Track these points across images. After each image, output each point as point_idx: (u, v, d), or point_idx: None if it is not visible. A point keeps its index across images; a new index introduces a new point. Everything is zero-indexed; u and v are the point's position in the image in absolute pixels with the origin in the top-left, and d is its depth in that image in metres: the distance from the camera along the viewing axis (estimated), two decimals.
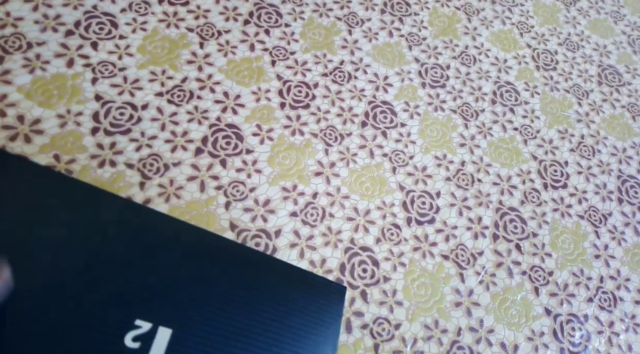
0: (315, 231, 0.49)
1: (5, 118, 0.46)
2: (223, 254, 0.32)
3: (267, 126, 0.54)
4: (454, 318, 0.49)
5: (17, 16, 0.52)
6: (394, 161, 0.56)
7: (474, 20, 0.72)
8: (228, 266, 0.32)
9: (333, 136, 0.55)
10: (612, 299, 0.55)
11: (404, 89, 0.62)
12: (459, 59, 0.67)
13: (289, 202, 0.50)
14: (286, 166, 0.52)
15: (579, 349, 0.51)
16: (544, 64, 0.72)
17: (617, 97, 0.72)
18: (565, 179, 0.62)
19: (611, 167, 0.65)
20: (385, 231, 0.51)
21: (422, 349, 0.47)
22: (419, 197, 0.55)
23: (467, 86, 0.65)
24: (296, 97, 0.57)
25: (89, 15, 0.54)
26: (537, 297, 0.53)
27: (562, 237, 0.57)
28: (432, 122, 0.60)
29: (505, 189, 0.58)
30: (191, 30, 0.57)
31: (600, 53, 0.76)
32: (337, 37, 0.63)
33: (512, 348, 0.49)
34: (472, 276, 0.52)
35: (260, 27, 0.60)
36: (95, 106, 0.49)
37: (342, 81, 0.60)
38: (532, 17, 0.76)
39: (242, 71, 0.56)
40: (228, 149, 0.51)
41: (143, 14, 0.56)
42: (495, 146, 0.61)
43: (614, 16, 0.82)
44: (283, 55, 0.59)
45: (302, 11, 0.63)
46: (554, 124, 0.66)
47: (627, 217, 0.61)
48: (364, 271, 0.49)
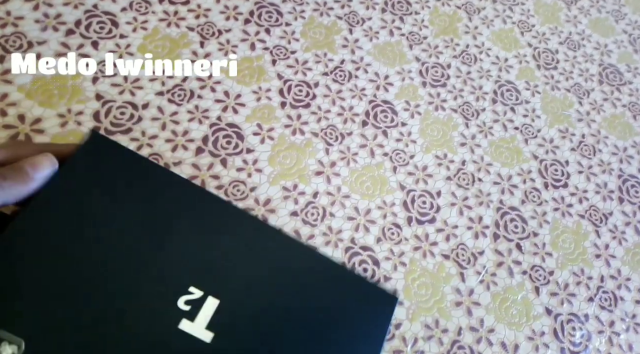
0: (315, 230, 0.49)
1: (6, 117, 0.46)
2: (283, 249, 0.36)
3: (268, 125, 0.54)
4: (455, 318, 0.49)
5: (17, 15, 0.52)
6: (395, 160, 0.56)
7: (475, 19, 0.72)
8: (287, 260, 0.36)
9: (334, 135, 0.55)
10: (613, 298, 0.55)
11: (405, 88, 0.62)
12: (459, 58, 0.67)
13: (289, 202, 0.50)
14: (287, 166, 0.52)
15: (580, 348, 0.51)
16: (544, 63, 0.71)
17: (617, 96, 0.72)
18: (565, 179, 0.62)
19: (612, 167, 0.65)
20: (386, 230, 0.51)
21: (423, 348, 0.47)
22: (419, 196, 0.55)
23: (468, 85, 0.65)
24: (297, 96, 0.56)
25: (89, 14, 0.54)
26: (537, 296, 0.53)
27: (562, 236, 0.57)
28: (432, 122, 0.60)
29: (506, 189, 0.58)
30: (192, 29, 0.57)
31: (601, 52, 0.76)
32: (337, 36, 0.63)
33: (512, 348, 0.49)
34: (473, 275, 0.52)
35: (261, 26, 0.60)
36: (95, 105, 0.49)
37: (343, 80, 0.59)
38: (532, 16, 0.76)
39: (243, 70, 0.56)
40: (229, 148, 0.51)
41: (144, 13, 0.56)
42: (495, 145, 0.61)
43: (615, 15, 0.82)
44: (284, 54, 0.59)
45: (303, 10, 0.63)
46: (555, 123, 0.66)
47: (627, 216, 0.61)
48: (365, 270, 0.49)
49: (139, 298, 0.31)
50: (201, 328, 0.31)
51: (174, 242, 0.34)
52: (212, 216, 0.36)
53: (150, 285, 0.31)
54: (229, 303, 0.32)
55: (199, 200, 0.36)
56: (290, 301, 0.35)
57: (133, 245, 0.32)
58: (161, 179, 0.35)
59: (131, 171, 0.35)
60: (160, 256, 0.33)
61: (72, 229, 0.31)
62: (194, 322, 0.30)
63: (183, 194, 0.36)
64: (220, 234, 0.35)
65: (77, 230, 0.31)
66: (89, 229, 0.31)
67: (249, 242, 0.36)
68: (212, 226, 0.35)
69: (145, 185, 0.35)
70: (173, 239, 0.34)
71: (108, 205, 0.33)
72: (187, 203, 0.35)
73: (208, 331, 0.31)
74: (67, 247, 0.30)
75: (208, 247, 0.34)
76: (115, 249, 0.32)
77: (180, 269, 0.32)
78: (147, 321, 0.30)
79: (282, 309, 0.34)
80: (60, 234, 0.30)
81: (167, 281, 0.32)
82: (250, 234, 0.36)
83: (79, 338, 0.28)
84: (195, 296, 0.32)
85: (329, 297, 0.36)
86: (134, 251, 0.32)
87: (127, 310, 0.30)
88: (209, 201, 0.36)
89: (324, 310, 0.35)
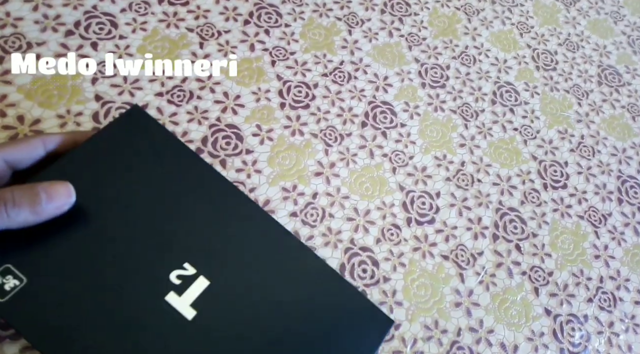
0: (315, 231, 0.49)
1: (5, 118, 0.46)
2: (291, 251, 0.37)
3: (267, 126, 0.54)
4: (454, 318, 0.49)
5: (17, 16, 0.52)
6: (394, 161, 0.56)
7: (474, 20, 0.72)
8: (290, 264, 0.37)
9: (333, 136, 0.55)
10: (612, 299, 0.55)
11: (404, 89, 0.62)
12: (458, 59, 0.67)
13: (288, 203, 0.50)
14: (286, 166, 0.52)
15: (579, 349, 0.51)
16: (543, 64, 0.72)
17: (617, 98, 0.72)
18: (565, 180, 0.62)
19: (611, 168, 0.65)
20: (385, 231, 0.51)
21: (422, 349, 0.47)
22: (418, 197, 0.55)
23: (467, 86, 0.65)
24: (296, 97, 0.57)
25: (88, 15, 0.54)
26: (537, 297, 0.53)
27: (562, 237, 0.57)
28: (432, 123, 0.60)
29: (505, 190, 0.58)
30: (191, 30, 0.57)
31: (600, 53, 0.76)
32: (337, 37, 0.63)
33: (512, 348, 0.49)
34: (472, 276, 0.52)
35: (260, 27, 0.60)
36: (95, 106, 0.49)
37: (342, 81, 0.60)
38: (532, 18, 0.76)
39: (242, 71, 0.56)
40: (228, 149, 0.51)
41: (143, 14, 0.56)
42: (495, 146, 0.61)
43: (613, 16, 0.82)
44: (283, 55, 0.59)
45: (302, 11, 0.63)
46: (554, 124, 0.66)
47: (627, 217, 0.61)
48: (364, 271, 0.49)
49: (135, 259, 0.32)
50: (186, 304, 0.31)
51: (182, 219, 0.34)
52: (226, 204, 0.37)
53: (149, 251, 0.32)
54: (219, 288, 0.33)
55: (219, 187, 0.37)
56: (282, 303, 0.35)
57: (144, 211, 0.34)
58: (187, 160, 0.37)
59: (160, 145, 0.36)
60: (166, 227, 0.34)
61: (94, 186, 0.33)
62: (180, 297, 0.31)
63: (205, 177, 0.37)
64: (230, 222, 0.36)
65: (99, 188, 0.33)
66: (108, 189, 0.33)
67: (256, 236, 0.36)
68: (224, 213, 0.36)
69: (172, 162, 0.36)
70: (182, 215, 0.35)
71: (130, 171, 0.34)
72: (207, 186, 0.37)
73: (192, 309, 0.31)
74: (83, 202, 0.31)
75: (214, 232, 0.35)
76: (127, 210, 0.33)
77: (179, 244, 0.33)
78: (136, 285, 0.31)
79: (271, 308, 0.34)
80: (82, 189, 0.31)
81: (165, 251, 0.33)
82: (259, 229, 0.37)
83: (75, 280, 0.30)
84: (188, 272, 0.32)
85: (324, 307, 0.36)
86: (143, 217, 0.33)
87: (120, 267, 0.31)
88: (228, 190, 0.37)
89: (316, 319, 0.35)
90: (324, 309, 0.36)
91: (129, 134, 0.36)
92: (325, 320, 0.36)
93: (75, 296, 0.29)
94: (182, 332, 0.30)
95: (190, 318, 0.31)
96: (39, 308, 0.28)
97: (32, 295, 0.28)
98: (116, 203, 0.33)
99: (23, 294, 0.28)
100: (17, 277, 0.29)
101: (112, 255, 0.31)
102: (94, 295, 0.30)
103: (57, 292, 0.29)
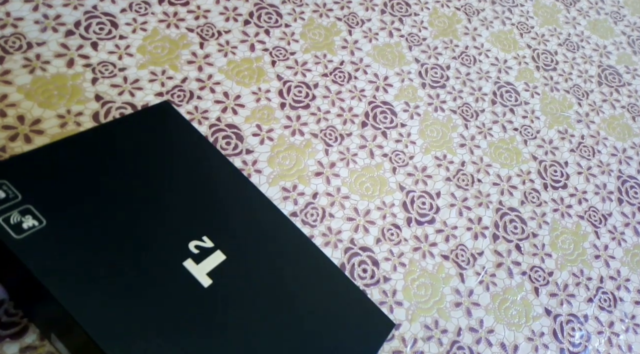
0: (315, 231, 0.49)
1: (5, 118, 0.46)
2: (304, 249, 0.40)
3: (267, 126, 0.54)
4: (454, 318, 0.49)
5: (17, 16, 0.52)
6: (394, 161, 0.56)
7: (474, 20, 0.72)
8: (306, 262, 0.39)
9: (333, 136, 0.55)
10: (612, 299, 0.55)
11: (404, 89, 0.62)
12: (459, 60, 0.67)
13: (289, 203, 0.50)
14: (286, 166, 0.52)
15: (579, 349, 0.51)
16: (544, 64, 0.72)
17: (617, 98, 0.72)
18: (565, 180, 0.62)
19: (611, 168, 0.65)
20: (385, 231, 0.51)
21: (422, 349, 0.47)
22: (419, 197, 0.55)
23: (467, 86, 0.65)
24: (296, 97, 0.57)
25: (89, 15, 0.54)
26: (537, 297, 0.53)
27: (562, 237, 0.57)
28: (432, 123, 0.60)
29: (505, 190, 0.58)
30: (191, 30, 0.57)
31: (600, 53, 0.76)
32: (337, 38, 0.63)
33: (512, 348, 0.49)
34: (472, 276, 0.52)
35: (261, 28, 0.60)
36: (95, 106, 0.49)
37: (342, 81, 0.60)
38: (532, 18, 0.76)
39: (242, 71, 0.56)
40: (228, 149, 0.51)
41: (143, 14, 0.56)
42: (495, 147, 0.61)
43: (613, 17, 0.82)
44: (283, 55, 0.59)
45: (302, 11, 0.63)
46: (554, 124, 0.66)
47: (627, 217, 0.61)
48: (364, 271, 0.49)
49: (158, 222, 0.34)
50: (203, 273, 0.33)
51: (202, 200, 0.37)
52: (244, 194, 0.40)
53: (173, 220, 0.34)
54: (234, 264, 0.35)
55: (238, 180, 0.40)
56: (291, 294, 0.36)
57: (169, 186, 0.36)
58: (212, 155, 0.40)
59: (187, 136, 0.39)
60: (189, 202, 0.36)
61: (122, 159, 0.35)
62: (198, 265, 0.33)
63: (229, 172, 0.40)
64: (249, 211, 0.39)
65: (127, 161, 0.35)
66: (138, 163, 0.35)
67: (271, 227, 0.39)
68: (242, 202, 0.39)
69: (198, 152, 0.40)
70: (203, 197, 0.37)
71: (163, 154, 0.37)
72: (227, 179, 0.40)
73: (208, 278, 0.33)
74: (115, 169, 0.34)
75: (233, 216, 0.38)
76: (154, 183, 0.35)
77: (201, 219, 0.36)
78: (156, 245, 0.32)
79: (281, 299, 0.36)
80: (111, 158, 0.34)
81: (186, 223, 0.35)
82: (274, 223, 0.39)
83: (96, 232, 0.30)
84: (206, 245, 0.35)
85: (330, 305, 0.37)
86: (169, 190, 0.35)
87: (143, 227, 0.33)
88: (247, 184, 0.40)
89: (320, 315, 0.36)
90: (329, 308, 0.37)
91: (157, 123, 0.38)
92: (329, 319, 0.36)
93: (94, 247, 0.30)
94: (197, 297, 0.32)
95: (207, 285, 0.33)
96: (54, 252, 0.28)
97: (49, 238, 0.28)
98: (144, 176, 0.35)
99: (39, 235, 0.28)
100: (37, 218, 0.29)
101: (136, 215, 0.33)
102: (113, 249, 0.30)
103: (76, 240, 0.29)
